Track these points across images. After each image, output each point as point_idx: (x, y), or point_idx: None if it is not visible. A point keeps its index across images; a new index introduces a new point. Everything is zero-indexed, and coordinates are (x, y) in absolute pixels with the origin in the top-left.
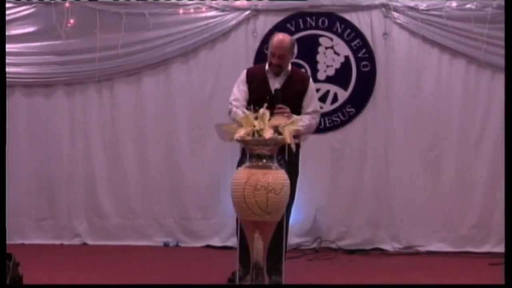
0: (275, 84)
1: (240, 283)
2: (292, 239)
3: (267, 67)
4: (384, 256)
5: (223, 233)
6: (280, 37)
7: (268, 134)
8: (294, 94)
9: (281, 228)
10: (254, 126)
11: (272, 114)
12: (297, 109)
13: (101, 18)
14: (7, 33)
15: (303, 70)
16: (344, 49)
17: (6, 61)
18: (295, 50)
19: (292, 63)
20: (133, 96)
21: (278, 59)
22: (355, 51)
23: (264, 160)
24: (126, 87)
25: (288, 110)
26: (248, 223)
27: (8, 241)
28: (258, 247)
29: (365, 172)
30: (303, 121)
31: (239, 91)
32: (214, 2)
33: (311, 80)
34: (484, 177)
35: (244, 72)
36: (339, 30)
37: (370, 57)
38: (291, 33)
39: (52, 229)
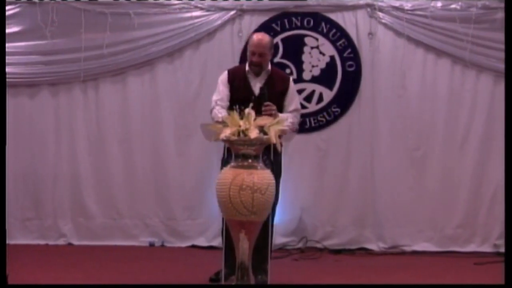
0: (256, 84)
1: (225, 283)
2: (278, 239)
3: (247, 67)
4: (370, 255)
5: (208, 233)
6: (259, 36)
7: (254, 134)
8: (275, 93)
9: (266, 227)
10: (240, 126)
11: (258, 113)
12: (278, 109)
13: (86, 18)
14: None
15: (287, 70)
16: (329, 49)
17: None
18: (273, 49)
19: (273, 63)
20: (118, 96)
21: (258, 57)
22: (340, 51)
23: (250, 160)
24: (111, 87)
25: (274, 107)
26: (234, 223)
27: None
28: (244, 247)
29: (351, 172)
30: (287, 119)
31: (222, 92)
32: (199, 2)
33: (291, 79)
34: (469, 176)
35: (226, 73)
36: (325, 30)
37: (355, 57)
38: (276, 33)
39: (38, 229)
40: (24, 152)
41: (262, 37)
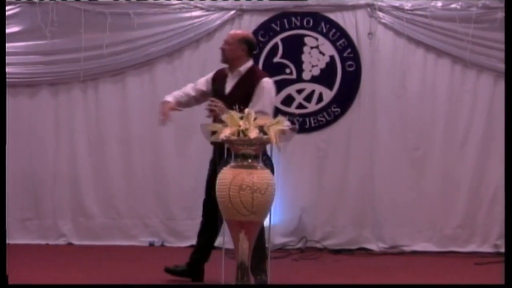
0: (230, 83)
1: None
2: (278, 239)
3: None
4: (370, 256)
5: None
6: (237, 30)
7: (253, 133)
8: (242, 94)
9: (261, 227)
10: (239, 126)
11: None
12: None
13: (86, 18)
14: None
15: (287, 70)
16: (329, 49)
17: None
18: (248, 47)
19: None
20: (118, 96)
21: (223, 44)
22: (340, 51)
23: (250, 160)
24: (111, 87)
25: (219, 103)
26: (234, 223)
27: None
28: (244, 247)
29: (350, 171)
30: None
31: (198, 82)
32: (199, 2)
33: (264, 80)
34: (469, 177)
35: (214, 71)
36: (324, 30)
37: (355, 57)
38: (276, 33)
39: (37, 229)
40: (24, 152)
41: (238, 31)
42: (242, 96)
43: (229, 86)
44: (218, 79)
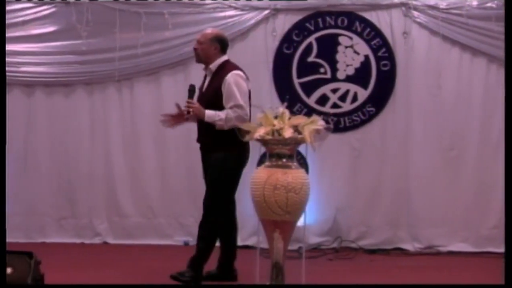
0: (207, 82)
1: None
2: (312, 239)
3: None
4: (405, 256)
5: (242, 232)
6: (209, 29)
7: (288, 133)
8: (213, 91)
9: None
10: (274, 125)
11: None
12: (221, 107)
13: (121, 18)
14: (27, 33)
15: (322, 69)
16: (363, 48)
17: (26, 60)
18: (220, 46)
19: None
20: (152, 96)
21: (195, 43)
22: (374, 50)
23: (284, 160)
24: (145, 87)
25: (196, 105)
26: (268, 222)
27: (29, 240)
28: (278, 246)
29: (385, 171)
30: (219, 115)
31: None
32: (233, 1)
33: (228, 76)
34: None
35: None
36: (359, 29)
37: (390, 56)
38: (310, 32)
39: (73, 228)
40: (59, 151)
41: (209, 30)
42: (212, 93)
43: (206, 84)
44: (203, 80)
